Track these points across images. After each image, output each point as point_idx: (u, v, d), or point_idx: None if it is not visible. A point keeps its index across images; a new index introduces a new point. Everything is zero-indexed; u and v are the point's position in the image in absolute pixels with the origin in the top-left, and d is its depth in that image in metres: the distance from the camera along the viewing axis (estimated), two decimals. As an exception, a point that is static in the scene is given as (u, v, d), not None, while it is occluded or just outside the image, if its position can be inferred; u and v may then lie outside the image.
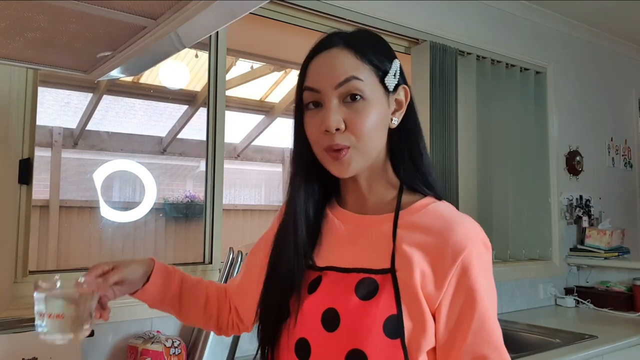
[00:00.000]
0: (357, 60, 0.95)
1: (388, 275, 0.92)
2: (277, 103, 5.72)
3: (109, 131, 4.85)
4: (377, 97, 0.96)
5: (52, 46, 0.92)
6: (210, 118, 2.20)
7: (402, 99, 1.01)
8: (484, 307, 0.91)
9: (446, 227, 0.94)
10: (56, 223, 4.13)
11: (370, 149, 0.96)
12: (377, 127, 0.96)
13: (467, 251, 0.91)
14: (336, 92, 0.94)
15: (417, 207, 0.99)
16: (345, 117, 0.94)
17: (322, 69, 0.96)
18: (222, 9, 0.75)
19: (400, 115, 1.01)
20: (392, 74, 0.98)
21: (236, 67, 4.76)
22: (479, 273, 0.91)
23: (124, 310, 1.83)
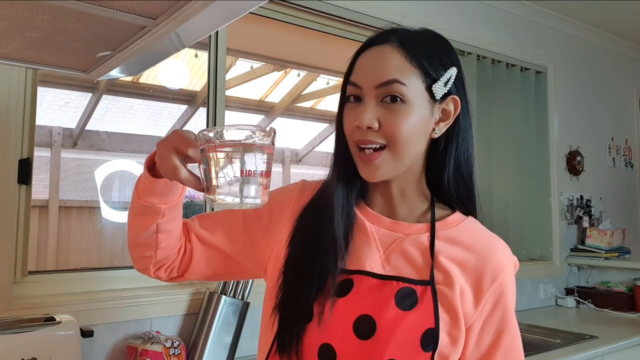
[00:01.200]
0: (405, 62, 0.92)
1: (428, 287, 0.90)
2: (277, 103, 5.71)
3: (108, 131, 4.84)
4: (420, 103, 0.92)
5: (51, 46, 0.92)
6: (210, 118, 2.20)
7: (451, 110, 0.97)
8: (514, 328, 0.93)
9: (486, 248, 0.94)
10: (55, 223, 4.12)
11: (404, 155, 0.92)
12: (414, 133, 0.92)
13: (505, 274, 0.93)
14: (376, 91, 0.91)
15: (452, 221, 0.98)
16: (381, 116, 0.91)
17: (368, 66, 0.94)
18: (222, 9, 0.74)
19: (445, 127, 0.97)
20: (442, 82, 0.94)
21: (236, 66, 4.75)
22: (512, 296, 0.94)
23: (124, 310, 1.83)
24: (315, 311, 0.89)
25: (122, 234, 4.25)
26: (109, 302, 1.81)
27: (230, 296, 1.93)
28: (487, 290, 0.91)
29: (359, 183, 1.01)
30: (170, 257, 1.01)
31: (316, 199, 1.01)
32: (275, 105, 5.74)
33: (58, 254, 4.05)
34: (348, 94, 0.96)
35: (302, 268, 0.94)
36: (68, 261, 4.05)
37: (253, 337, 2.07)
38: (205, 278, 1.09)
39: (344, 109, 0.97)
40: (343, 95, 0.98)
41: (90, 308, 1.76)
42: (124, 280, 1.94)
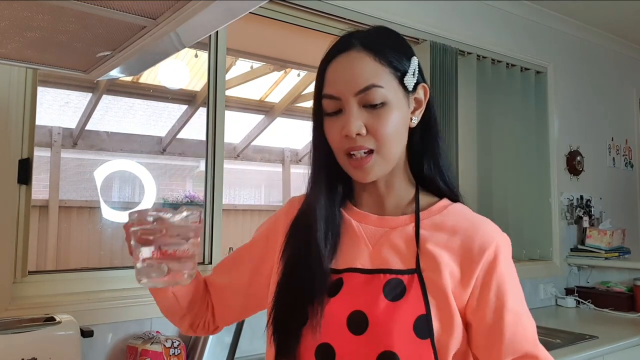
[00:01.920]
0: (376, 64, 0.93)
1: (414, 275, 0.91)
2: (277, 103, 5.72)
3: (108, 131, 4.84)
4: (398, 99, 0.94)
5: (51, 46, 0.92)
6: (210, 118, 2.20)
7: (422, 98, 1.00)
8: (515, 301, 0.93)
9: (472, 227, 0.95)
10: (55, 223, 4.12)
11: (393, 154, 0.96)
12: (399, 130, 0.95)
13: (493, 247, 0.93)
14: (356, 98, 0.92)
15: (437, 209, 0.99)
16: (367, 122, 0.92)
17: (341, 75, 0.94)
18: (222, 9, 0.74)
19: (419, 114, 1.00)
20: (411, 73, 0.96)
21: (236, 66, 4.75)
22: (505, 268, 0.93)
23: (124, 310, 1.83)
24: (310, 314, 0.92)
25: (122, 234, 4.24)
26: (109, 302, 1.81)
27: (230, 296, 1.93)
28: (476, 266, 0.91)
29: (342, 188, 1.04)
30: (200, 314, 1.12)
31: (300, 213, 1.04)
32: (275, 105, 5.74)
33: (58, 254, 4.05)
34: (326, 109, 0.96)
35: (293, 277, 0.98)
36: (68, 261, 4.05)
37: (253, 337, 2.07)
38: (236, 319, 1.19)
39: (324, 124, 0.98)
40: (319, 110, 0.98)
41: (90, 308, 1.76)
42: (124, 280, 1.94)
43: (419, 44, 2.79)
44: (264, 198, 6.64)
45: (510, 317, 0.92)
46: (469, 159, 2.92)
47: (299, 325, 0.93)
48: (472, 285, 0.91)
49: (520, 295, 0.95)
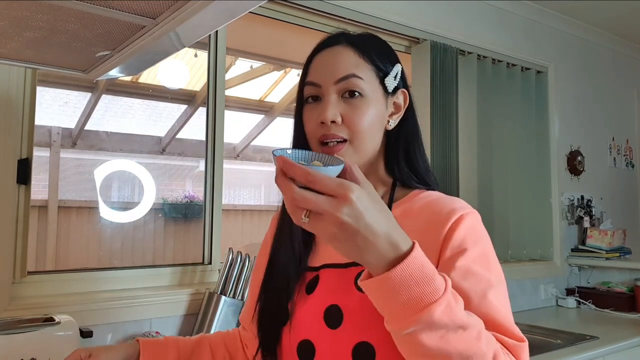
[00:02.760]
0: (359, 59, 0.97)
1: None
2: (277, 103, 5.72)
3: (107, 131, 4.84)
4: (376, 96, 0.97)
5: (50, 45, 0.92)
6: (209, 118, 2.20)
7: (401, 103, 1.03)
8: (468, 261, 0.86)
9: (438, 203, 0.95)
10: (55, 223, 4.12)
11: (366, 147, 0.97)
12: (374, 126, 0.97)
13: (456, 216, 0.90)
14: (336, 87, 0.95)
15: (409, 198, 1.00)
16: (343, 111, 0.95)
17: (324, 65, 0.98)
18: (222, 8, 0.74)
19: (397, 119, 1.02)
20: (392, 75, 1.00)
21: (235, 66, 4.75)
22: (467, 233, 0.89)
23: (123, 310, 1.82)
24: (291, 312, 0.96)
25: (121, 234, 4.25)
26: (108, 302, 1.80)
27: (230, 296, 1.93)
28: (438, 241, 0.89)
29: None
30: None
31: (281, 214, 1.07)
32: (275, 105, 5.75)
33: (57, 254, 4.04)
34: (306, 95, 0.99)
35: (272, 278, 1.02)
36: (67, 261, 4.05)
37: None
38: None
39: (303, 112, 1.01)
40: (300, 98, 1.02)
41: (90, 308, 1.76)
42: (123, 281, 1.94)
43: (419, 43, 2.79)
44: (263, 198, 6.64)
45: (457, 273, 0.84)
46: (470, 159, 2.92)
47: (279, 325, 0.97)
48: (437, 258, 0.88)
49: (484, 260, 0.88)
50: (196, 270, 2.10)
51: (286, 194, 0.67)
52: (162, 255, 4.71)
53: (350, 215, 0.65)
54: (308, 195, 0.65)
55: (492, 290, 0.85)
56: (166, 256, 4.84)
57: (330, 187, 0.65)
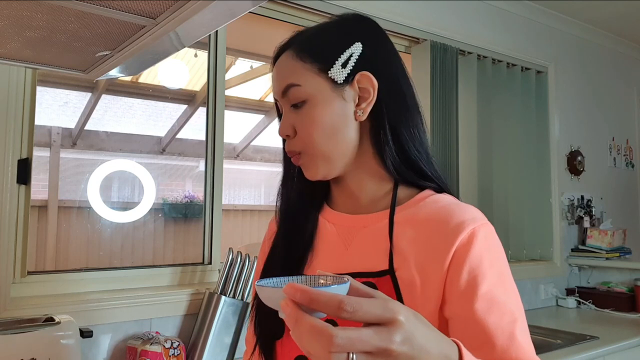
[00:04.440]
0: (294, 62, 0.90)
1: (387, 277, 0.84)
2: (277, 103, 5.71)
3: (107, 131, 4.84)
4: (324, 95, 0.89)
5: (50, 45, 0.92)
6: (209, 118, 2.20)
7: (367, 87, 0.90)
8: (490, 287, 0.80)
9: (447, 214, 0.86)
10: (55, 223, 4.12)
11: (328, 151, 0.90)
12: (331, 127, 0.89)
13: (468, 231, 0.82)
14: (284, 100, 0.92)
15: (414, 202, 0.91)
16: (295, 123, 0.91)
17: (273, 79, 0.95)
18: (222, 8, 0.74)
19: (368, 106, 0.90)
20: (339, 64, 0.89)
21: (235, 66, 4.75)
22: (483, 251, 0.82)
23: (123, 310, 1.82)
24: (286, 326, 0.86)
25: (121, 234, 4.25)
26: (108, 302, 1.80)
27: (230, 296, 1.93)
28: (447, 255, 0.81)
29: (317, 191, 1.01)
30: None
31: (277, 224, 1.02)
32: (275, 105, 5.73)
33: (57, 254, 4.04)
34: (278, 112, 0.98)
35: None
36: (67, 261, 4.05)
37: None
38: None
39: None
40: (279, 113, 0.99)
41: (90, 308, 1.76)
42: (123, 281, 1.94)
43: (419, 43, 2.79)
44: (263, 198, 6.63)
45: (482, 304, 0.79)
46: (470, 159, 2.92)
47: (275, 339, 0.92)
48: (445, 278, 0.81)
49: (502, 282, 0.82)
50: (196, 270, 2.10)
51: (320, 341, 0.50)
52: (162, 255, 4.71)
53: (404, 342, 0.53)
54: (353, 335, 0.51)
55: (518, 325, 0.80)
56: (166, 256, 4.84)
57: (377, 313, 0.53)
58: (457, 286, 0.80)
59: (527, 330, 0.82)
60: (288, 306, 0.52)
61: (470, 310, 0.79)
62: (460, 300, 0.80)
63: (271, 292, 0.57)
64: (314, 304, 0.51)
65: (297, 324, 0.52)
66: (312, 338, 0.51)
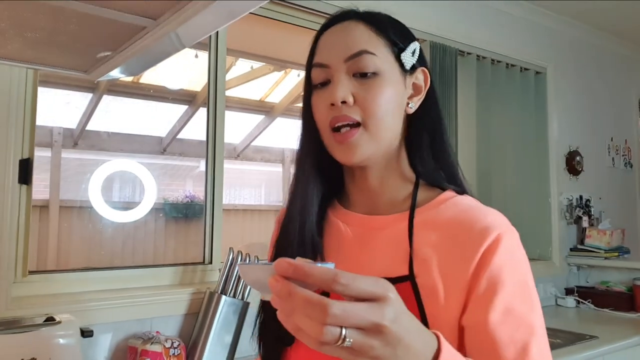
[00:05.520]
0: (371, 34, 0.86)
1: (407, 283, 0.79)
2: (277, 103, 5.72)
3: (108, 131, 4.84)
4: (393, 75, 0.86)
5: (52, 46, 0.92)
6: (210, 118, 2.20)
7: (421, 84, 0.91)
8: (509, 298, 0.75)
9: (470, 217, 0.82)
10: (56, 223, 4.12)
11: (383, 132, 0.85)
12: (392, 108, 0.85)
13: (493, 237, 0.78)
14: (346, 66, 0.85)
15: (436, 203, 0.86)
16: (355, 92, 0.84)
17: (332, 42, 0.87)
18: (222, 9, 0.74)
19: (418, 101, 0.90)
20: (410, 51, 0.88)
21: (236, 67, 4.75)
22: (505, 260, 0.77)
23: (124, 310, 1.83)
24: None
25: (122, 234, 4.25)
26: (109, 302, 1.81)
27: (230, 296, 1.93)
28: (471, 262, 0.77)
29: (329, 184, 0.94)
30: None
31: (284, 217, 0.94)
32: (275, 105, 5.75)
33: (58, 253, 4.05)
34: (315, 79, 0.88)
35: None
36: (68, 261, 4.05)
37: (253, 337, 2.07)
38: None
39: (311, 99, 0.89)
40: (308, 86, 0.90)
41: (90, 308, 1.77)
42: (124, 280, 1.94)
43: (418, 44, 2.79)
44: (264, 198, 6.64)
45: (496, 314, 0.74)
46: (469, 159, 2.93)
47: (283, 344, 0.86)
48: (468, 285, 0.77)
49: (522, 292, 0.77)
50: (197, 270, 2.11)
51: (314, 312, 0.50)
52: (163, 254, 4.71)
53: (394, 320, 0.53)
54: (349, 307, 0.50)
55: (535, 340, 0.74)
56: (167, 256, 4.84)
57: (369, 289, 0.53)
58: (476, 292, 0.76)
59: (546, 345, 0.76)
60: (279, 282, 0.51)
61: (484, 319, 0.74)
62: (475, 308, 0.76)
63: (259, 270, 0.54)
64: (309, 277, 0.51)
65: (289, 298, 0.50)
66: (305, 311, 0.50)
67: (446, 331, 0.74)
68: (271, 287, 0.51)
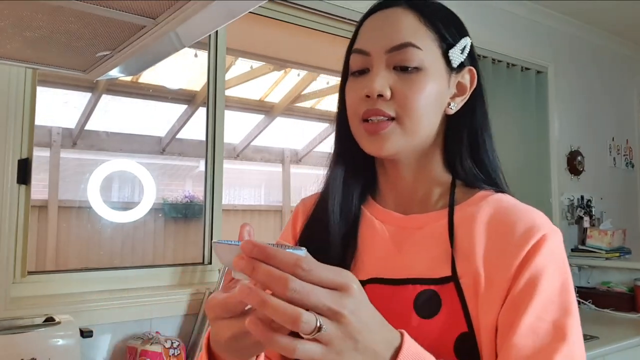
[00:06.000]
0: (419, 24, 0.80)
1: (450, 284, 0.75)
2: (277, 103, 5.71)
3: (107, 131, 4.84)
4: (437, 71, 0.81)
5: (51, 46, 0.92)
6: (209, 118, 2.20)
7: (467, 84, 0.86)
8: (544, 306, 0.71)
9: (513, 215, 0.78)
10: (55, 223, 4.12)
11: (418, 129, 0.80)
12: (431, 105, 0.80)
13: (538, 237, 0.75)
14: (387, 57, 0.79)
15: (473, 200, 0.83)
16: (394, 85, 0.79)
17: (376, 29, 0.82)
18: (222, 8, 0.74)
19: (460, 102, 0.85)
20: (459, 47, 0.83)
21: (235, 66, 4.75)
22: (547, 262, 0.73)
23: (123, 310, 1.82)
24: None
25: (122, 234, 4.25)
26: (108, 302, 1.80)
27: (230, 297, 1.93)
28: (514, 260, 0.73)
29: (364, 179, 0.90)
30: None
31: (314, 209, 0.89)
32: (275, 105, 5.74)
33: (57, 254, 4.04)
34: (352, 66, 0.84)
35: None
36: (67, 261, 4.05)
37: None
38: None
39: (346, 85, 0.85)
40: (345, 71, 0.86)
41: (90, 308, 1.76)
42: (123, 281, 1.94)
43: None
44: (263, 198, 6.63)
45: (530, 320, 0.70)
46: (470, 159, 2.92)
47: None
48: (510, 286, 0.73)
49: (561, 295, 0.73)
50: (196, 270, 2.10)
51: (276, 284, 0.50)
52: (162, 255, 4.71)
53: (354, 311, 0.53)
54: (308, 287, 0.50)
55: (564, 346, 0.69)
56: (166, 256, 4.84)
57: (331, 277, 0.52)
58: (512, 292, 0.73)
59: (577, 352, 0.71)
60: (243, 259, 0.51)
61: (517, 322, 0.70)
62: (510, 308, 0.72)
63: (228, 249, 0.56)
64: (271, 259, 0.51)
65: (253, 272, 0.50)
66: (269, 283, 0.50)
67: (490, 332, 0.72)
68: (235, 265, 0.51)
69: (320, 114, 5.84)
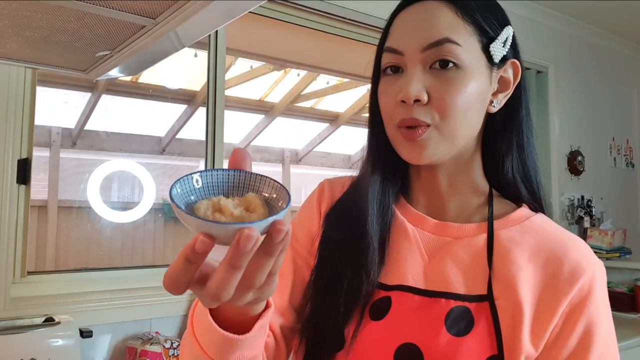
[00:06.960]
0: (456, 18, 0.74)
1: (485, 303, 0.71)
2: (277, 103, 5.71)
3: (107, 131, 4.84)
4: (477, 68, 0.74)
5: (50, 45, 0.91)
6: (209, 118, 2.20)
7: (510, 78, 0.79)
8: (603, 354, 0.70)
9: (560, 247, 0.74)
10: (55, 223, 4.12)
11: (458, 133, 0.74)
12: (472, 107, 0.74)
13: (588, 277, 0.71)
14: (423, 55, 0.73)
15: (515, 219, 0.78)
16: (431, 87, 0.72)
17: (409, 26, 0.76)
18: (222, 8, 0.74)
19: (503, 99, 0.79)
20: (500, 41, 0.76)
21: (235, 66, 4.75)
22: (601, 308, 0.72)
23: (123, 310, 1.82)
24: (348, 337, 0.73)
25: (121, 234, 4.25)
26: (108, 302, 1.80)
27: (230, 297, 1.92)
28: (564, 298, 0.70)
29: (399, 178, 0.84)
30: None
31: (346, 197, 0.84)
32: (275, 105, 5.74)
33: (57, 254, 4.04)
34: (384, 64, 0.78)
35: (330, 283, 0.77)
36: (67, 261, 4.05)
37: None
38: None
39: (379, 85, 0.79)
40: (377, 68, 0.80)
41: (90, 308, 1.76)
42: (123, 281, 1.93)
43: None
44: (263, 198, 6.63)
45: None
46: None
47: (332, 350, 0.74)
48: (554, 322, 0.70)
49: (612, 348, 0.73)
50: (196, 271, 2.10)
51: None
52: (162, 255, 4.70)
53: None
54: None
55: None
56: (166, 256, 4.84)
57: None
58: (568, 339, 0.70)
59: None
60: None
61: None
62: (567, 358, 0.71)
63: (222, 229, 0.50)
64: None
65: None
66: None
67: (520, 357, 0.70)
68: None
69: (320, 114, 5.84)
